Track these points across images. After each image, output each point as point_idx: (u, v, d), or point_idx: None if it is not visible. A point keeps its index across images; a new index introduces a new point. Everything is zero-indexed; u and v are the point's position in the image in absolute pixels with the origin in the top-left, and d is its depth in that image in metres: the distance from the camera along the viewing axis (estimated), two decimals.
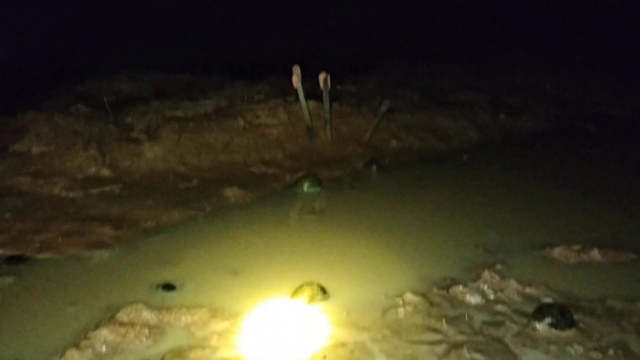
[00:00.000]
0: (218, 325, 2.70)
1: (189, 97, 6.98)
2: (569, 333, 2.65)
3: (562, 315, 2.70)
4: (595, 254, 3.43)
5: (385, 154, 5.70)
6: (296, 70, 5.45)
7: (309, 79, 5.76)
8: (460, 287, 2.99)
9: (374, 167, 5.20)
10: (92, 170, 4.83)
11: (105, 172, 4.82)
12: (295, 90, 5.60)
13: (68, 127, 5.43)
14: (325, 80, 5.52)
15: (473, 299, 2.92)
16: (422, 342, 2.56)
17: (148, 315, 2.77)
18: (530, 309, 2.81)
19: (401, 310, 2.81)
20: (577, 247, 3.51)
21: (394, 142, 6.00)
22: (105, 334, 2.61)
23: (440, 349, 2.51)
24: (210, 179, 4.89)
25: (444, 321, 2.72)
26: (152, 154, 5.12)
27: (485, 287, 3.01)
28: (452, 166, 5.53)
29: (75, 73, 8.89)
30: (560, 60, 11.03)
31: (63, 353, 2.49)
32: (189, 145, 5.29)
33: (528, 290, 3.01)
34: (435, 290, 3.02)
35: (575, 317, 2.74)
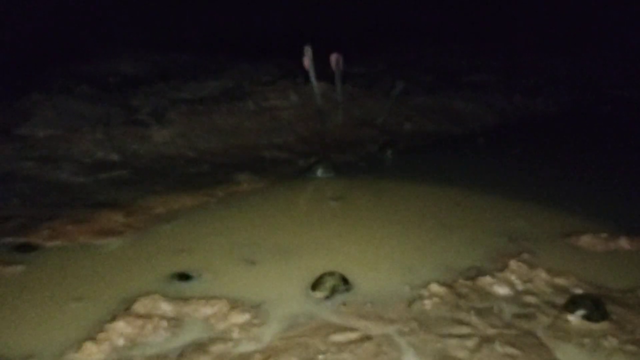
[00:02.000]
0: (239, 318, 2.62)
1: (194, 79, 6.83)
2: (603, 325, 2.56)
3: (595, 306, 2.61)
4: (623, 242, 3.33)
5: (399, 138, 5.58)
6: (307, 51, 5.30)
7: (318, 59, 5.60)
8: (487, 278, 2.90)
9: (389, 152, 5.08)
10: (100, 154, 4.72)
11: (114, 157, 4.71)
12: (305, 72, 5.46)
13: (73, 109, 5.31)
14: (337, 61, 5.37)
15: (501, 290, 2.82)
16: (451, 336, 2.47)
17: (165, 307, 2.68)
18: (560, 300, 2.72)
19: (427, 302, 2.71)
20: (604, 234, 3.40)
21: (407, 125, 5.88)
22: (122, 327, 2.53)
23: (471, 342, 2.42)
24: (221, 163, 4.79)
25: (472, 313, 2.63)
26: (160, 137, 5.00)
27: (513, 277, 2.91)
28: (469, 150, 5.41)
29: (76, 54, 8.70)
30: (574, 42, 10.79)
31: (80, 347, 2.41)
32: (198, 128, 5.17)
33: (557, 280, 2.92)
34: (461, 280, 2.92)
35: (607, 308, 2.65)
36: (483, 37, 11.12)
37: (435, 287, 2.82)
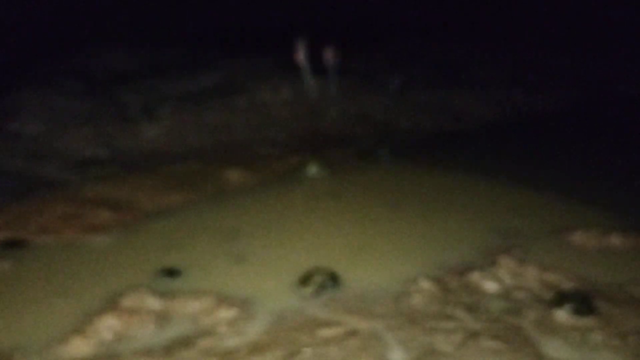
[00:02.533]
0: (225, 313, 2.61)
1: (186, 74, 6.79)
2: (589, 320, 2.56)
3: (582, 301, 2.62)
4: (614, 238, 3.33)
5: (396, 134, 5.55)
6: (301, 45, 5.28)
7: (314, 54, 5.59)
8: (477, 273, 2.89)
9: (384, 148, 5.05)
10: (89, 150, 4.70)
11: (103, 153, 4.70)
12: (299, 67, 5.44)
13: (63, 105, 5.27)
14: (332, 56, 5.36)
15: (490, 285, 2.82)
16: (438, 330, 2.46)
17: (153, 302, 2.68)
18: (549, 295, 2.72)
19: (416, 297, 2.71)
20: (596, 231, 3.40)
21: (404, 121, 5.85)
22: (109, 321, 2.52)
23: (457, 336, 2.42)
24: (212, 160, 4.77)
25: (460, 308, 2.63)
26: (150, 133, 4.99)
27: (503, 272, 2.91)
28: (465, 147, 5.38)
29: (67, 49, 8.62)
30: (576, 39, 10.72)
31: (67, 340, 2.41)
32: (189, 124, 5.15)
33: (546, 276, 2.91)
34: (450, 276, 2.92)
35: (595, 303, 2.66)
36: (485, 34, 11.04)
37: (424, 282, 2.82)
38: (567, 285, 2.82)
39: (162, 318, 2.59)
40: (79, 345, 2.40)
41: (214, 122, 5.25)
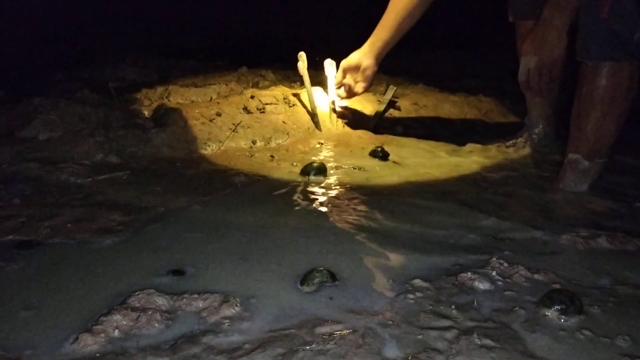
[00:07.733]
0: (229, 311, 2.71)
1: (193, 83, 6.98)
2: (578, 319, 2.65)
3: (571, 301, 2.71)
4: (603, 241, 3.43)
5: (391, 141, 5.69)
6: (302, 57, 5.43)
7: (313, 65, 5.74)
8: (469, 274, 3.00)
9: (380, 154, 5.19)
10: (99, 156, 4.81)
11: (112, 159, 4.81)
12: (301, 77, 5.59)
13: (74, 113, 5.39)
14: (331, 67, 5.52)
15: (482, 286, 2.92)
16: (432, 328, 2.57)
17: (159, 301, 2.76)
18: (538, 295, 2.82)
19: (410, 296, 2.82)
20: (584, 234, 3.52)
21: (399, 129, 6.01)
22: (117, 319, 2.60)
23: (450, 334, 2.52)
24: (217, 165, 4.89)
25: (453, 307, 2.73)
26: (158, 140, 5.11)
27: (494, 273, 3.02)
28: (458, 153, 5.52)
29: (78, 58, 8.88)
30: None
31: (76, 338, 2.49)
32: (195, 132, 5.28)
33: (536, 277, 3.02)
34: (443, 276, 3.03)
35: (584, 303, 2.75)
36: (475, 44, 11.25)
37: (418, 283, 2.93)
38: (557, 286, 2.91)
39: (168, 316, 2.68)
40: (88, 343, 2.47)
41: (219, 130, 5.39)
